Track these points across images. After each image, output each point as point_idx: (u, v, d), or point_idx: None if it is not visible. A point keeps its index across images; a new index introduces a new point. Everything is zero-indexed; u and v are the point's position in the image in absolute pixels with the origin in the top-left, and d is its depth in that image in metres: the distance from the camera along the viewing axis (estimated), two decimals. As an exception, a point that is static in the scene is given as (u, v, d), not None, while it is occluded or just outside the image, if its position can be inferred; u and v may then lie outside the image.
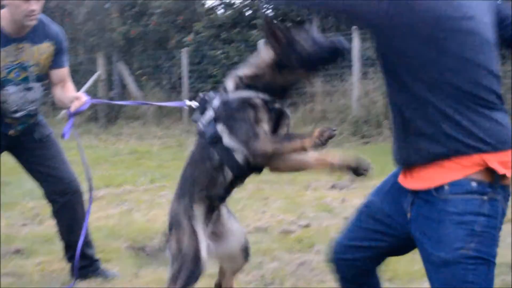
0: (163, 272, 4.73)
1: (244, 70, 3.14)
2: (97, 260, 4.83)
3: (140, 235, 5.81)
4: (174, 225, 3.36)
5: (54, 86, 4.57)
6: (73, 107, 4.26)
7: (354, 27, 13.76)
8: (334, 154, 3.06)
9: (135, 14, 19.61)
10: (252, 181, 3.57)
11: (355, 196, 7.41)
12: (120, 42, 19.65)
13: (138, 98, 17.79)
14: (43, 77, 4.53)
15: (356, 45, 13.45)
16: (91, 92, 18.66)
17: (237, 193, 3.71)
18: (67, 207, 4.66)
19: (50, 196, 4.69)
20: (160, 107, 17.04)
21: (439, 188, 2.44)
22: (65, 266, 4.79)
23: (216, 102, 3.15)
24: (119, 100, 18.12)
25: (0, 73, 4.26)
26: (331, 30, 16.04)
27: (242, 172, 3.23)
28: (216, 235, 3.41)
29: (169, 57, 18.36)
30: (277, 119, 3.11)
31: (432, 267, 2.56)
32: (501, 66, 11.10)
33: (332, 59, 3.06)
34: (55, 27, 4.54)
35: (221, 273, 3.60)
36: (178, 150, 12.83)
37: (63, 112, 12.04)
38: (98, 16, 20.82)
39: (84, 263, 4.68)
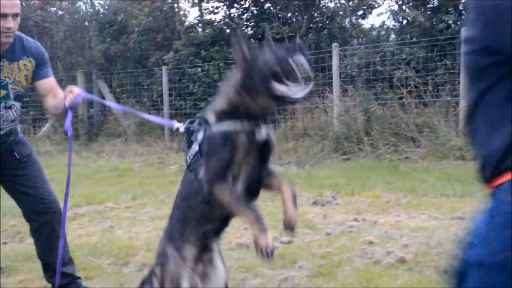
0: (146, 289, 4.73)
1: (219, 102, 3.18)
2: (78, 278, 4.80)
3: (122, 253, 5.79)
4: (158, 266, 3.39)
5: (45, 97, 4.51)
6: (68, 100, 4.19)
7: (334, 44, 13.87)
8: (265, 236, 3.05)
9: (115, 32, 19.64)
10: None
11: (337, 212, 7.46)
12: (99, 60, 19.66)
13: (118, 116, 17.79)
14: (22, 96, 4.50)
15: (336, 62, 13.55)
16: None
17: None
18: (46, 226, 4.61)
19: (29, 215, 4.64)
20: (141, 123, 17.05)
21: None
22: (47, 284, 4.76)
23: (200, 136, 3.18)
24: (99, 118, 18.12)
25: None
26: (311, 48, 16.19)
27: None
28: (206, 275, 3.42)
29: (149, 75, 18.39)
30: (263, 148, 3.15)
31: None
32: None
33: (288, 75, 2.99)
34: (32, 42, 4.50)
35: None
36: (159, 167, 12.82)
37: (44, 129, 11.97)
38: (77, 34, 20.82)
39: (65, 281, 4.65)
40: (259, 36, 17.26)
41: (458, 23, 13.89)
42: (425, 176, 9.59)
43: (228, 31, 17.79)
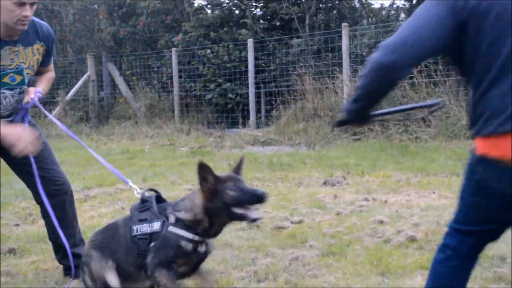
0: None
1: (184, 215, 3.53)
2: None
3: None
4: (85, 266, 3.80)
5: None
6: (25, 100, 4.39)
7: (343, 24, 13.81)
8: None
9: (124, 15, 19.64)
10: (244, 178, 3.63)
11: (347, 192, 7.46)
12: (109, 43, 19.66)
13: (128, 98, 17.83)
14: (32, 82, 4.52)
15: (345, 42, 13.49)
16: (82, 93, 18.69)
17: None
18: (57, 208, 4.61)
19: (39, 197, 4.61)
20: (151, 105, 17.09)
21: None
22: (58, 265, 4.79)
23: (156, 226, 3.56)
24: (109, 101, 18.14)
25: None
26: (320, 28, 16.12)
27: None
28: None
29: (159, 57, 18.38)
30: (200, 258, 3.62)
31: None
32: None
33: (249, 205, 3.40)
34: (45, 27, 4.50)
35: None
36: (169, 149, 12.85)
37: (55, 112, 11.96)
38: (86, 17, 20.82)
39: (76, 262, 4.68)
40: (269, 17, 17.19)
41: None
42: (435, 155, 9.57)
43: (237, 12, 17.74)
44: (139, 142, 14.24)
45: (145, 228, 3.58)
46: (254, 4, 17.89)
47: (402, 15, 16.74)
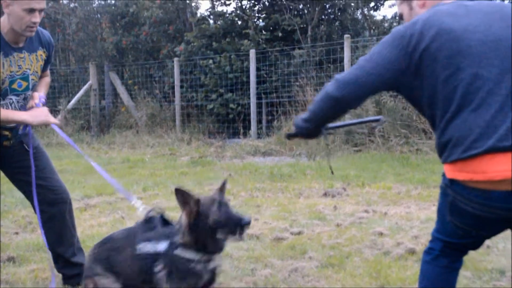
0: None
1: (181, 238, 3.46)
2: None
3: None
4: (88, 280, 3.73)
5: None
6: (29, 105, 4.40)
7: (346, 35, 13.85)
8: None
9: (126, 24, 19.69)
10: (244, 188, 3.65)
11: (347, 203, 7.46)
12: (111, 52, 19.70)
13: (130, 108, 17.85)
14: (33, 86, 4.53)
15: (347, 54, 13.52)
16: (84, 101, 18.72)
17: (230, 201, 3.78)
18: (57, 217, 4.61)
19: (39, 206, 4.63)
20: (152, 114, 17.10)
21: None
22: (58, 274, 4.79)
23: (162, 246, 3.49)
24: (110, 110, 18.16)
25: (4, 83, 4.23)
26: (322, 39, 16.16)
27: None
28: None
29: (161, 67, 18.42)
30: (209, 278, 3.54)
31: None
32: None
33: (233, 230, 3.36)
34: (46, 34, 4.54)
35: None
36: (170, 158, 12.86)
37: (57, 118, 12.02)
38: (89, 26, 20.86)
39: (75, 271, 4.68)
40: (271, 28, 17.24)
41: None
42: (436, 167, 9.57)
43: (239, 22, 17.79)
44: (140, 151, 14.25)
45: (148, 248, 3.55)
46: (256, 15, 17.95)
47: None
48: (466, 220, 2.87)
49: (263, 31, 17.20)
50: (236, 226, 3.34)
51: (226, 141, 15.19)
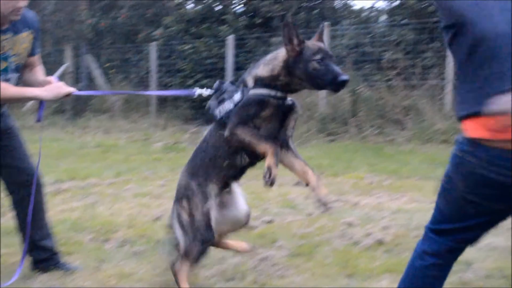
0: (125, 266, 4.77)
1: (261, 70, 3.60)
2: (57, 253, 4.79)
3: (103, 229, 5.80)
4: (184, 199, 3.82)
5: (24, 70, 4.55)
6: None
7: (325, 23, 13.84)
8: (321, 184, 3.67)
9: (105, 7, 19.55)
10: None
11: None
12: (88, 35, 19.55)
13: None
14: (21, 68, 4.49)
15: (326, 42, 13.51)
16: (58, 84, 18.54)
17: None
18: (28, 199, 4.60)
19: (11, 187, 4.62)
20: (128, 99, 16.99)
21: None
22: (26, 258, 4.76)
23: (237, 96, 3.61)
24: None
25: None
26: (301, 27, 16.12)
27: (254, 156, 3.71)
28: (223, 204, 3.94)
29: (138, 51, 18.32)
30: (287, 113, 3.63)
31: None
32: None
33: (327, 84, 3.43)
34: (31, 14, 4.52)
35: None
36: (144, 144, 12.81)
37: (29, 104, 11.90)
38: (66, 7, 20.67)
39: (44, 255, 4.66)
40: (250, 14, 17.17)
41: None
42: (409, 158, 9.64)
43: (218, 8, 17.70)
44: (115, 136, 14.18)
45: (227, 106, 3.64)
46: (235, 0, 17.87)
47: (383, 17, 16.80)
48: (485, 190, 2.75)
49: (242, 17, 17.14)
50: (333, 80, 3.39)
51: (202, 128, 15.11)
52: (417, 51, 13.32)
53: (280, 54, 3.56)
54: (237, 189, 4.04)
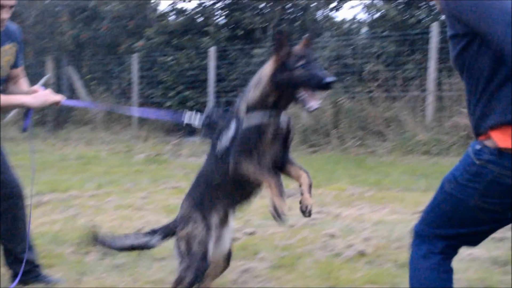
0: (106, 279, 4.74)
1: (253, 94, 3.59)
2: (38, 266, 4.77)
3: (83, 241, 5.76)
4: (184, 228, 3.80)
5: (8, 82, 4.53)
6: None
7: (305, 36, 13.89)
8: (280, 199, 3.57)
9: (86, 18, 19.48)
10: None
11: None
12: (70, 46, 19.48)
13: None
14: (3, 81, 4.46)
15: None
16: (39, 96, 18.46)
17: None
18: (10, 211, 4.57)
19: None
20: (109, 113, 16.94)
21: None
22: (6, 271, 4.73)
23: (232, 130, 3.60)
24: (66, 107, 17.86)
25: None
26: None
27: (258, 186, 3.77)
28: (221, 237, 3.93)
29: (120, 62, 18.28)
30: (285, 132, 3.67)
31: None
32: (448, 78, 11.26)
33: (312, 88, 3.42)
34: (14, 26, 4.49)
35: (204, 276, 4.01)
36: (126, 155, 12.77)
37: (10, 115, 11.75)
38: (48, 19, 20.60)
39: (25, 268, 4.63)
40: (231, 26, 17.21)
41: (429, 18, 13.95)
42: (390, 170, 9.67)
43: (200, 20, 17.73)
44: (96, 148, 14.13)
45: (224, 141, 3.63)
46: (217, 12, 17.90)
47: (364, 29, 16.89)
48: (506, 199, 2.75)
49: (224, 29, 17.17)
50: (318, 84, 3.38)
51: (183, 140, 15.12)
52: (398, 63, 13.40)
53: (266, 69, 3.55)
54: (232, 222, 4.02)
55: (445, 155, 10.50)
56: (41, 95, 4.32)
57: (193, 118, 3.88)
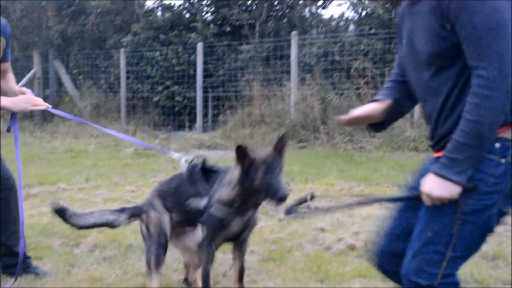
0: (96, 270, 4.74)
1: (223, 193, 3.79)
2: (28, 258, 4.75)
3: (73, 233, 5.75)
4: (144, 214, 4.11)
5: None
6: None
7: (293, 32, 13.92)
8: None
9: (73, 13, 19.40)
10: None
11: (291, 199, 7.48)
12: (56, 41, 19.38)
13: (74, 97, 17.60)
14: None
15: (294, 51, 13.60)
16: (26, 90, 18.38)
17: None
18: (1, 204, 4.56)
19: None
20: (97, 104, 16.91)
21: None
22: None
23: (203, 204, 3.89)
24: (55, 99, 17.83)
25: None
26: (270, 35, 16.20)
27: None
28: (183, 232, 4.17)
29: (107, 57, 18.22)
30: (247, 225, 3.94)
31: None
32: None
33: (269, 199, 3.60)
34: (2, 21, 4.44)
35: (187, 267, 4.46)
36: (114, 149, 12.74)
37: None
38: (34, 13, 20.50)
39: (14, 260, 4.61)
40: (219, 22, 17.20)
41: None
42: (378, 165, 9.70)
43: (187, 15, 17.72)
44: (84, 142, 14.09)
45: (195, 204, 3.92)
46: (204, 9, 17.89)
47: (351, 26, 16.92)
48: None
49: (211, 25, 17.16)
50: (273, 197, 3.56)
51: (172, 134, 15.12)
52: (385, 60, 13.46)
53: (235, 173, 3.73)
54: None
55: (433, 152, 10.54)
56: (22, 101, 4.25)
57: (179, 156, 4.22)
